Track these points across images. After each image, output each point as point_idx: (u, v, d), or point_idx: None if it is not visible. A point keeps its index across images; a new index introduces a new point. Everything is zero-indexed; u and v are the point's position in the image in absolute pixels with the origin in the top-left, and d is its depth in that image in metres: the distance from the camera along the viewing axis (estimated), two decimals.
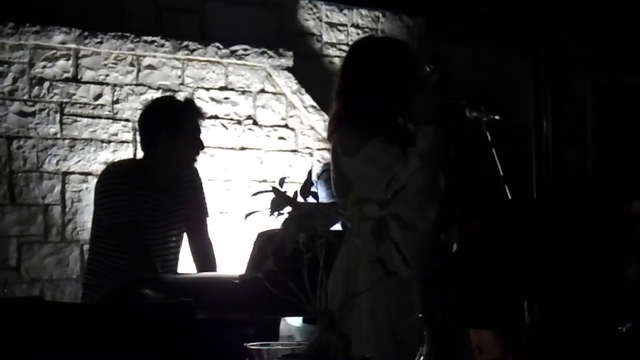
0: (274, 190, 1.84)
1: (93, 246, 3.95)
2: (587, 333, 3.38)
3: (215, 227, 4.41)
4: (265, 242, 1.97)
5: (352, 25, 5.86)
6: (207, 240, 4.13)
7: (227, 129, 5.34)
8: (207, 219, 4.16)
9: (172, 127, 3.89)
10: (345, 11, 5.83)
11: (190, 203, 4.05)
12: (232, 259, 4.41)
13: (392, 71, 3.20)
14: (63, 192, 4.95)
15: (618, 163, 6.34)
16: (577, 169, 6.08)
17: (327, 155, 5.26)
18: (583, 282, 3.30)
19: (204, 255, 4.11)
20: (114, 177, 3.88)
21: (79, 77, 5.05)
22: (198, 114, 4.01)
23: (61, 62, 5.00)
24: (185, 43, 5.23)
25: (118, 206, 3.79)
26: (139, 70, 5.18)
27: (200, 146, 3.98)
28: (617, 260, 3.83)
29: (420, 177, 2.96)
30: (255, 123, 5.44)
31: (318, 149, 5.52)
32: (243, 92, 5.43)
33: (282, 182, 1.90)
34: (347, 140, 3.14)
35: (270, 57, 5.42)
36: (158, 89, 5.19)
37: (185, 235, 4.09)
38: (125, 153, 5.06)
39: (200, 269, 4.11)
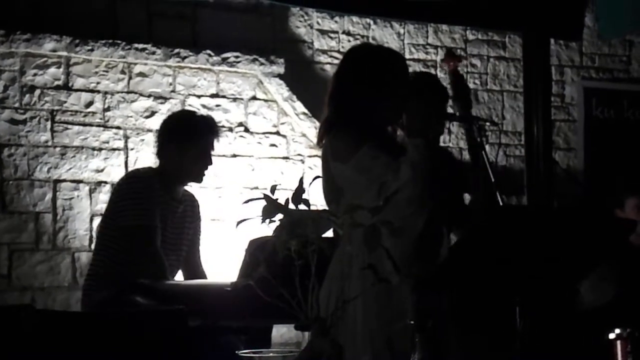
0: (266, 197, 1.84)
1: (101, 247, 3.98)
2: (575, 339, 3.39)
3: (207, 235, 4.41)
4: (257, 249, 1.97)
5: (343, 33, 5.86)
6: (202, 271, 4.21)
7: None
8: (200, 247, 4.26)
9: (181, 140, 4.00)
10: (337, 18, 5.83)
11: (189, 224, 4.13)
12: (224, 266, 4.41)
13: (385, 78, 3.21)
14: (54, 199, 4.94)
15: (609, 169, 6.35)
16: (569, 174, 6.09)
17: (319, 163, 5.26)
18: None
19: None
20: (139, 181, 3.97)
21: (70, 84, 5.04)
22: (212, 131, 4.09)
23: (52, 69, 4.99)
24: (176, 50, 5.23)
25: (140, 208, 3.86)
26: (130, 78, 5.18)
27: (208, 162, 4.06)
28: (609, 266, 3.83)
29: (411, 187, 2.97)
30: (246, 130, 5.43)
31: (310, 156, 5.52)
32: (234, 100, 5.42)
33: (273, 189, 1.90)
34: (338, 145, 3.15)
35: (262, 64, 5.42)
36: (149, 96, 5.19)
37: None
38: (117, 161, 5.06)
39: None
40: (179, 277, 4.18)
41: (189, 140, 4.00)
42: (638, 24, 5.96)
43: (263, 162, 5.44)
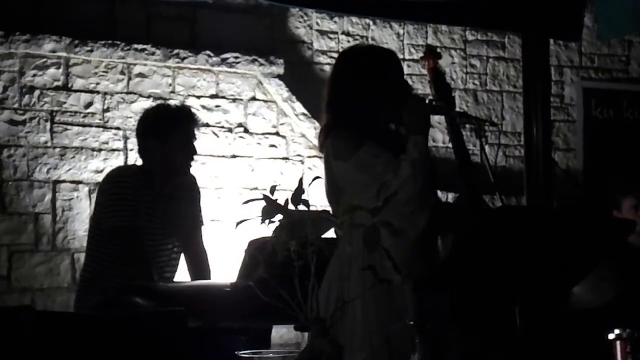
0: (265, 198, 1.84)
1: (90, 250, 3.96)
2: (575, 339, 3.38)
3: (207, 235, 4.40)
4: (257, 250, 1.97)
5: (343, 33, 5.86)
6: (202, 249, 4.17)
7: (218, 136, 5.34)
8: (202, 227, 4.20)
9: (161, 134, 3.94)
10: (336, 19, 5.83)
11: (188, 211, 4.09)
12: (224, 267, 4.40)
13: (382, 78, 3.21)
14: (54, 200, 4.94)
15: (608, 169, 6.35)
16: (568, 175, 6.09)
17: (318, 163, 5.25)
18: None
19: (198, 264, 4.14)
20: (121, 180, 3.92)
21: (69, 85, 5.04)
22: (191, 120, 4.03)
23: (51, 70, 4.99)
24: (175, 51, 5.23)
25: (122, 209, 3.81)
26: (129, 79, 5.18)
27: (192, 152, 4.00)
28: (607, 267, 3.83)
29: (411, 185, 2.97)
30: (246, 131, 5.43)
31: (309, 157, 5.52)
32: (234, 100, 5.42)
33: (273, 189, 1.90)
34: (339, 144, 3.15)
35: (261, 64, 5.42)
36: (149, 97, 5.19)
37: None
38: (116, 161, 5.06)
39: (194, 278, 4.12)
40: (181, 263, 4.16)
41: (169, 132, 3.93)
42: (637, 24, 5.96)
43: (262, 163, 5.44)
